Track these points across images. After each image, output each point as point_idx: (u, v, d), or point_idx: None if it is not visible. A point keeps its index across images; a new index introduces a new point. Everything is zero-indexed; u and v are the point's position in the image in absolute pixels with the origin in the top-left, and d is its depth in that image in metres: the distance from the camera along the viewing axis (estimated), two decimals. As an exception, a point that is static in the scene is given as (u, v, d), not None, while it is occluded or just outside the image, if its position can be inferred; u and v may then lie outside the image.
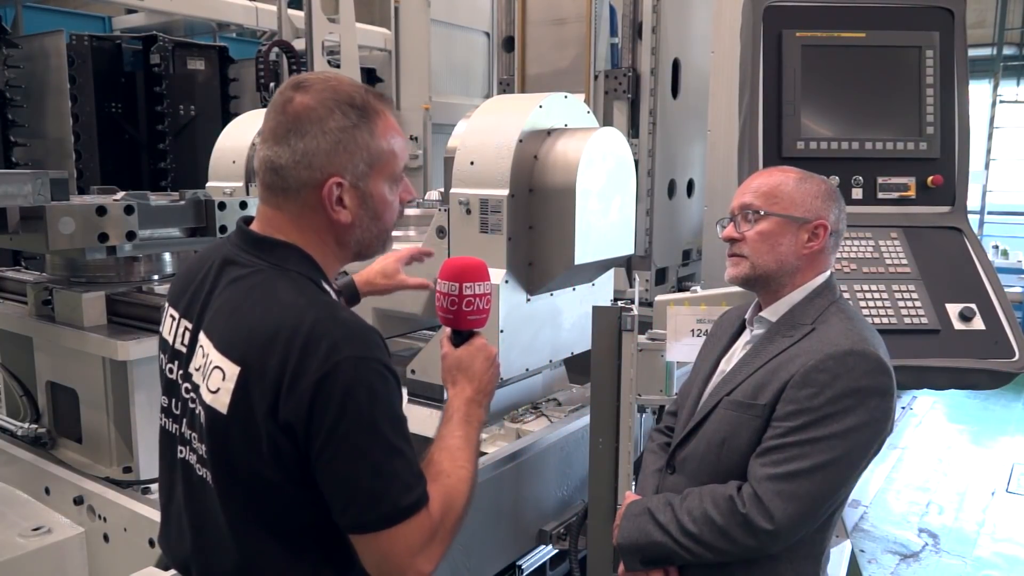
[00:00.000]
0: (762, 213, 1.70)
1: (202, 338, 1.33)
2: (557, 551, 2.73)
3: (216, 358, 1.28)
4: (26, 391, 2.86)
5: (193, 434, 1.34)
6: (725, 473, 1.67)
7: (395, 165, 1.38)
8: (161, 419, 1.46)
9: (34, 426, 2.80)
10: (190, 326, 1.38)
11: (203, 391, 1.29)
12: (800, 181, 1.72)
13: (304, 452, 1.22)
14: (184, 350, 1.38)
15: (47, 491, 2.64)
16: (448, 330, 1.58)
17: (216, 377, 1.27)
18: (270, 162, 1.32)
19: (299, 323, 1.22)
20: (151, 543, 2.24)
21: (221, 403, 1.25)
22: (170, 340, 1.43)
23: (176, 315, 1.43)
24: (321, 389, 1.19)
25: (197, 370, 1.33)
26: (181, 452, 1.38)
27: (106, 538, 2.43)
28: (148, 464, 2.51)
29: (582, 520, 2.57)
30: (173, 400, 1.41)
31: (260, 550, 1.30)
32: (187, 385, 1.36)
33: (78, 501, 2.49)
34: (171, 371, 1.42)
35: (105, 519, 2.42)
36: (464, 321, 1.54)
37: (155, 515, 2.25)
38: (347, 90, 1.33)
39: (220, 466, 1.29)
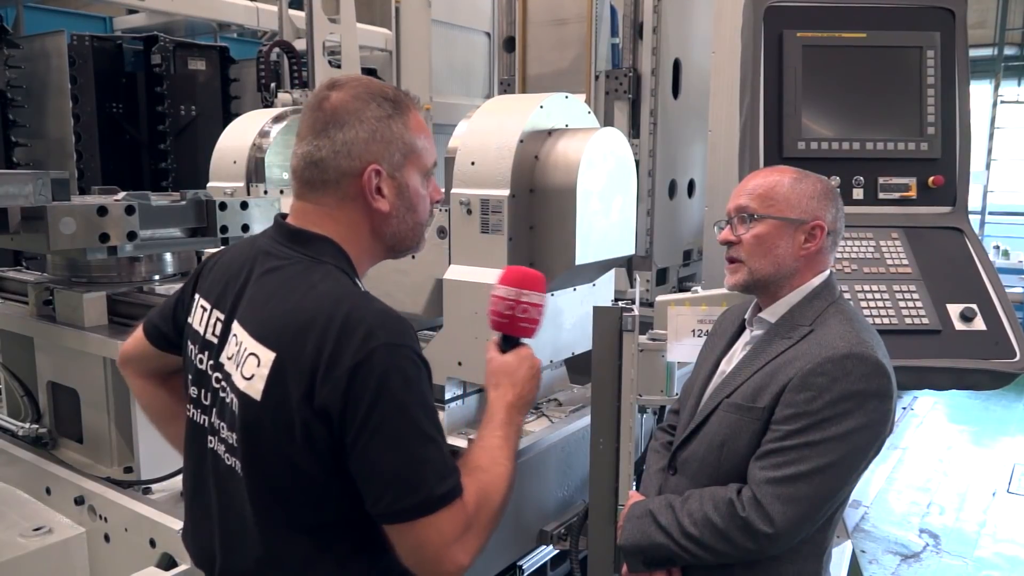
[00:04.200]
0: (757, 216, 1.69)
1: (235, 327, 1.35)
2: (558, 551, 2.73)
3: (251, 345, 1.30)
4: (27, 391, 2.86)
5: (222, 423, 1.36)
6: (726, 475, 1.67)
7: (427, 159, 1.43)
8: (189, 410, 1.47)
9: (35, 426, 2.80)
10: (222, 316, 1.40)
11: (236, 378, 1.31)
12: (795, 181, 1.71)
13: (339, 439, 1.24)
14: (215, 340, 1.40)
15: (48, 491, 2.64)
16: (496, 336, 1.61)
17: (251, 364, 1.28)
18: (310, 156, 1.36)
19: (335, 310, 1.25)
20: (152, 543, 2.24)
21: (255, 390, 1.27)
22: (201, 330, 1.44)
23: (208, 306, 1.44)
24: (357, 375, 1.21)
25: (230, 359, 1.34)
26: (210, 442, 1.39)
27: (107, 538, 2.43)
28: (149, 464, 2.51)
29: (583, 520, 2.57)
30: (203, 391, 1.43)
31: (285, 542, 1.31)
32: (218, 375, 1.37)
33: (79, 501, 2.49)
34: (201, 361, 1.43)
35: (106, 519, 2.42)
36: (517, 327, 1.58)
37: (156, 515, 2.26)
38: (379, 85, 1.40)
39: (251, 454, 1.31)
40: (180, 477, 2.44)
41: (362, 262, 1.42)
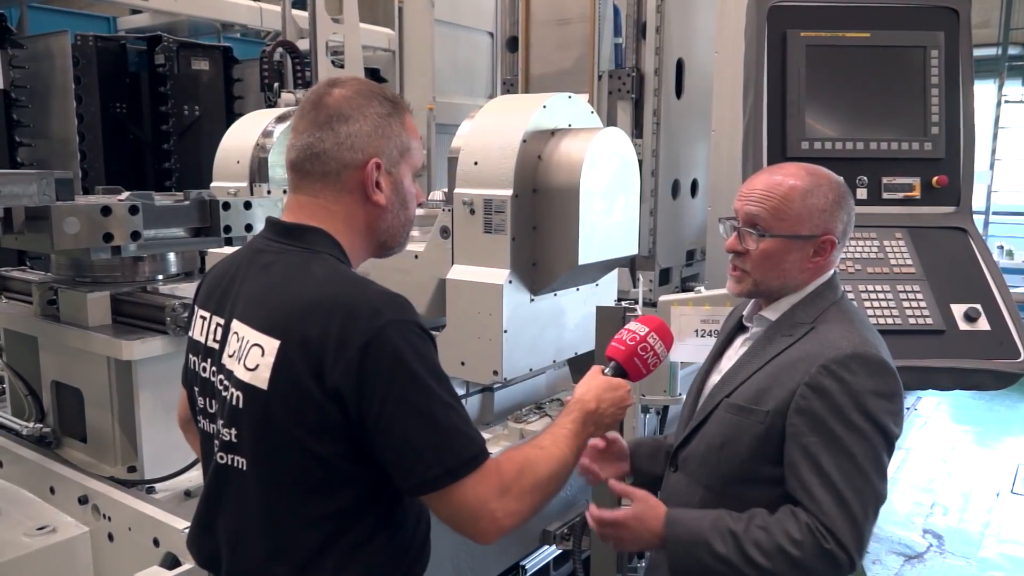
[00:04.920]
0: (767, 235, 1.64)
1: (236, 325, 1.36)
2: (560, 551, 2.73)
3: (254, 336, 1.31)
4: (31, 391, 2.87)
5: (222, 421, 1.36)
6: (726, 475, 1.65)
7: (418, 159, 1.47)
8: (199, 422, 1.47)
9: (39, 425, 2.80)
10: (222, 321, 1.40)
11: (239, 372, 1.31)
12: (807, 193, 1.65)
13: (356, 421, 1.25)
14: (216, 346, 1.40)
15: (52, 490, 2.64)
16: (603, 367, 1.67)
17: (255, 354, 1.29)
18: (311, 148, 1.38)
19: (337, 294, 1.28)
20: (155, 542, 2.24)
21: (261, 379, 1.28)
22: (202, 340, 1.45)
23: (207, 314, 1.45)
24: (368, 353, 1.22)
25: (231, 356, 1.35)
26: (217, 445, 1.39)
27: (111, 537, 2.43)
28: (152, 464, 2.52)
29: (585, 521, 2.57)
30: (208, 399, 1.43)
31: (294, 534, 1.31)
32: (221, 376, 1.38)
33: (83, 500, 2.49)
34: (204, 370, 1.44)
35: (110, 518, 2.42)
36: (630, 361, 1.66)
37: (159, 515, 2.26)
38: (378, 86, 1.46)
39: (259, 445, 1.31)
40: (183, 477, 2.47)
41: (353, 257, 1.43)
